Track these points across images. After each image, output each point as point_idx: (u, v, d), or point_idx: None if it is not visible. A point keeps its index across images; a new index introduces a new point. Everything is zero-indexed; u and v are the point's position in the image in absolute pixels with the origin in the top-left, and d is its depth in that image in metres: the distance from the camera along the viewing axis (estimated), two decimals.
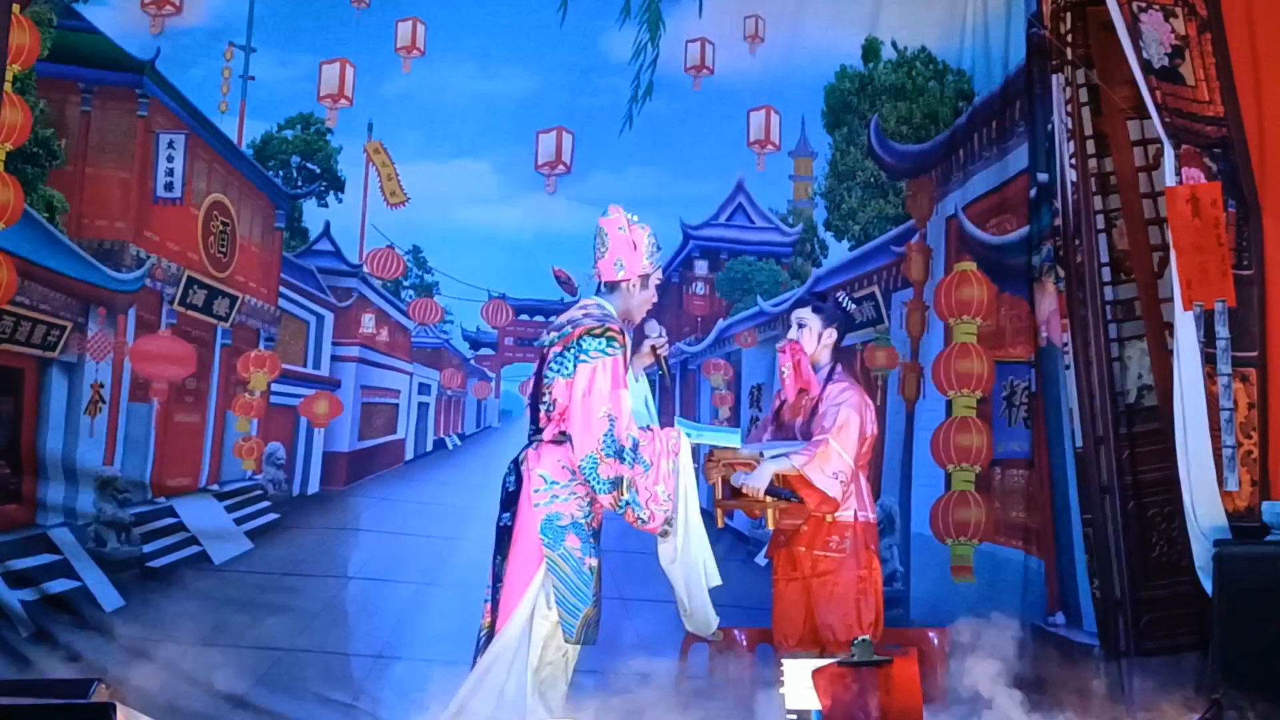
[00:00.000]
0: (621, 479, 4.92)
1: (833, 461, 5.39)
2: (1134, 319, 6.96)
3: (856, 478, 5.52)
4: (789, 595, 5.58)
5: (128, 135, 7.26)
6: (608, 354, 4.98)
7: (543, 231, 7.51)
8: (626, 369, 5.08)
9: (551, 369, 5.08)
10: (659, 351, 5.28)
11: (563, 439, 5.05)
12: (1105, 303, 6.99)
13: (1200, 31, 6.33)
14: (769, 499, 5.38)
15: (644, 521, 4.96)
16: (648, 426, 5.08)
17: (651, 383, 5.39)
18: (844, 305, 5.85)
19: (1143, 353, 6.94)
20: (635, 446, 4.94)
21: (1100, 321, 6.98)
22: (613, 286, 5.24)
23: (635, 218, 5.25)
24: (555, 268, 7.23)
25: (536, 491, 5.03)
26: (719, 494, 5.53)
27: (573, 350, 5.02)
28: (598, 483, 4.93)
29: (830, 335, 5.73)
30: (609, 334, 5.01)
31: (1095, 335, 6.97)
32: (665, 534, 5.02)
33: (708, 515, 5.20)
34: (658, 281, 5.30)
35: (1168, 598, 6.71)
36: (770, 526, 5.53)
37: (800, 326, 5.73)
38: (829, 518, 5.49)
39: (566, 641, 4.95)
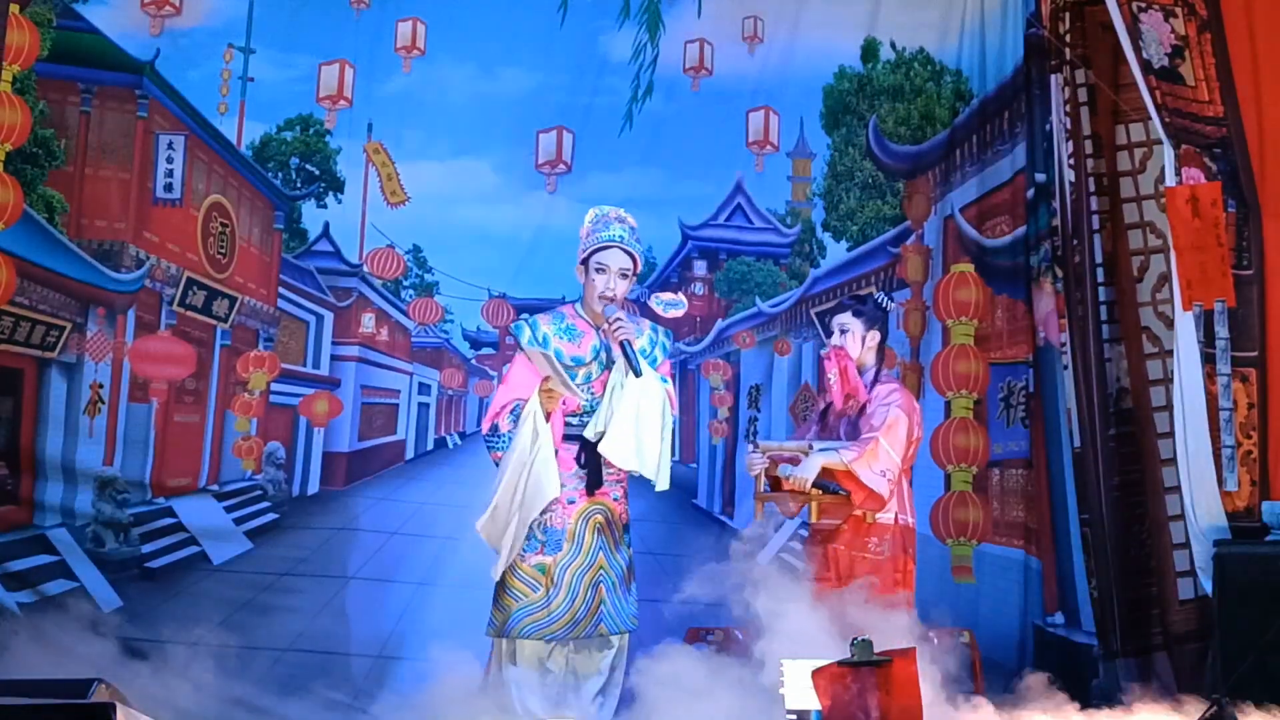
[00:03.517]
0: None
1: (881, 460, 5.35)
2: (1114, 321, 6.98)
3: (900, 480, 5.48)
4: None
5: (127, 136, 7.26)
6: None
7: (543, 231, 7.51)
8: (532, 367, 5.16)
9: None
10: (614, 334, 5.14)
11: None
12: (1099, 303, 7.01)
13: (1200, 31, 6.35)
14: (815, 491, 5.35)
15: None
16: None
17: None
18: (882, 304, 5.78)
19: (1122, 355, 6.96)
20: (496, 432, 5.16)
21: (1095, 322, 7.00)
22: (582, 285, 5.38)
23: (590, 216, 5.36)
24: None
25: None
26: (759, 487, 5.51)
27: None
28: None
29: (874, 337, 5.69)
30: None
31: (1092, 336, 7.00)
32: None
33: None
34: (599, 265, 5.27)
35: (1139, 599, 6.73)
36: (812, 520, 5.46)
37: (843, 332, 5.67)
38: (869, 518, 5.45)
39: (486, 633, 5.18)
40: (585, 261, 5.28)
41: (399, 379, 7.76)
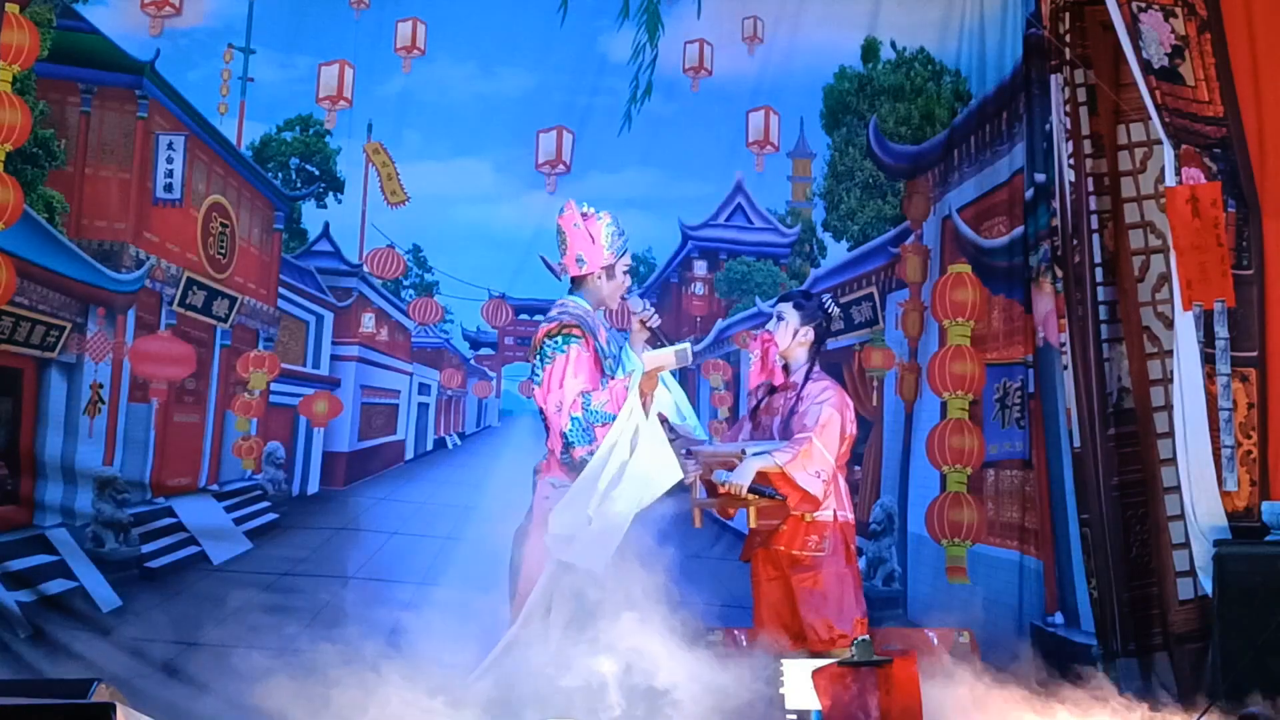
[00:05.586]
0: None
1: (815, 460, 5.34)
2: (1116, 321, 6.98)
3: (836, 477, 5.47)
4: (772, 594, 5.50)
5: (127, 136, 7.26)
6: (563, 350, 5.09)
7: (543, 230, 7.43)
8: (599, 357, 5.16)
9: (533, 381, 5.24)
10: (647, 324, 5.26)
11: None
12: (1098, 303, 7.01)
13: (1200, 31, 6.36)
14: (751, 496, 5.33)
15: None
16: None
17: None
18: (826, 307, 5.76)
19: (1123, 355, 6.96)
20: (579, 423, 5.00)
21: (1095, 322, 7.01)
22: (579, 281, 5.31)
23: (590, 209, 5.32)
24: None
25: (546, 499, 5.12)
26: (695, 494, 5.45)
27: (538, 358, 5.16)
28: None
29: (806, 334, 5.65)
30: (563, 331, 5.12)
31: (1092, 336, 7.00)
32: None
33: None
34: (626, 268, 5.32)
35: (1139, 599, 6.74)
36: (751, 525, 5.45)
37: (780, 320, 5.69)
38: (808, 517, 5.43)
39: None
40: (613, 264, 5.28)
41: (399, 379, 7.77)
